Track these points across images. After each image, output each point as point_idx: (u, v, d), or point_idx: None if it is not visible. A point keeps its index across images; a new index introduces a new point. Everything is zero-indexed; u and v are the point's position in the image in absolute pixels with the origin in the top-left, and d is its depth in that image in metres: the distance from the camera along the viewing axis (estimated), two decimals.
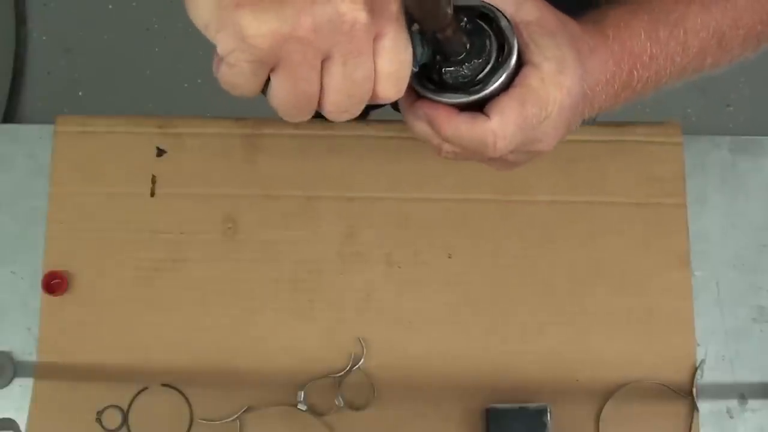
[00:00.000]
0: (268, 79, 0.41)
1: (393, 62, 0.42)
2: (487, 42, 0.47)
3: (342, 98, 0.42)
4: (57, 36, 1.80)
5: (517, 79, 0.47)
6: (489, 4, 0.47)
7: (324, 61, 0.40)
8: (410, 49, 0.43)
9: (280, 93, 0.41)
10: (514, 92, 0.46)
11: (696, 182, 0.80)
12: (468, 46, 0.46)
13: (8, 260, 0.79)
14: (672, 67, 0.53)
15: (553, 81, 0.47)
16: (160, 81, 1.72)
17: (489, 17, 0.47)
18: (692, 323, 0.77)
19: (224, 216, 0.80)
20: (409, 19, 0.43)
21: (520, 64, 0.47)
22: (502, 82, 0.46)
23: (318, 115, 0.44)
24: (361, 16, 0.39)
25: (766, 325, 0.78)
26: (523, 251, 0.79)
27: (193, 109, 0.74)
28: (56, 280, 0.77)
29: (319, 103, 0.42)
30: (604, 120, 0.78)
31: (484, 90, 0.46)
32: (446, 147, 0.50)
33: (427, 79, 0.48)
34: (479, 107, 0.47)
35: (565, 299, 0.78)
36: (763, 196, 0.81)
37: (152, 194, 0.80)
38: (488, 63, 0.47)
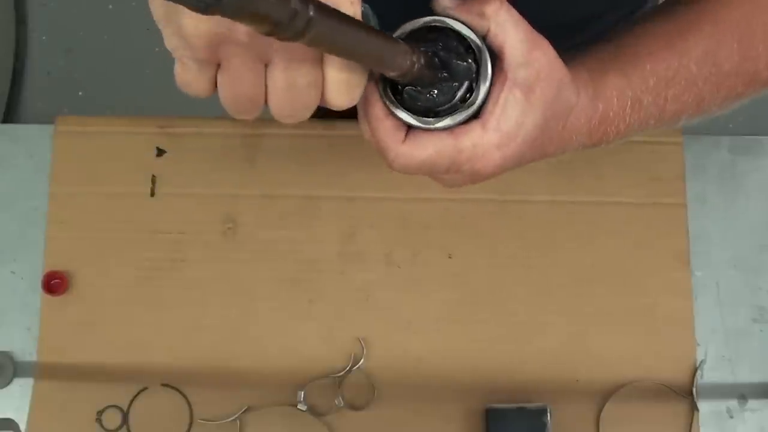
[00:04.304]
0: None
1: (342, 71, 0.40)
2: (464, 63, 0.44)
3: (284, 103, 0.41)
4: (57, 36, 1.80)
5: (459, 129, 0.45)
6: (456, 22, 0.44)
7: (267, 65, 0.40)
8: None
9: (221, 92, 0.41)
10: (446, 137, 0.44)
11: (696, 182, 0.80)
12: (440, 74, 0.44)
13: (8, 260, 0.79)
14: (644, 130, 0.53)
15: (487, 149, 0.45)
16: (160, 81, 1.71)
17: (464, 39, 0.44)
18: (692, 323, 0.77)
19: (224, 216, 0.80)
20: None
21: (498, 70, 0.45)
22: (464, 117, 0.44)
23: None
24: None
25: (766, 325, 0.78)
26: (523, 251, 0.79)
27: (193, 109, 0.74)
28: (56, 280, 0.77)
29: (267, 103, 0.42)
30: None
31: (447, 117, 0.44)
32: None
33: (394, 91, 0.45)
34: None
35: (565, 299, 0.78)
36: (763, 196, 0.81)
37: (152, 194, 0.80)
38: (461, 87, 0.44)
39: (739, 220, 0.80)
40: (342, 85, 0.41)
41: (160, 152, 0.81)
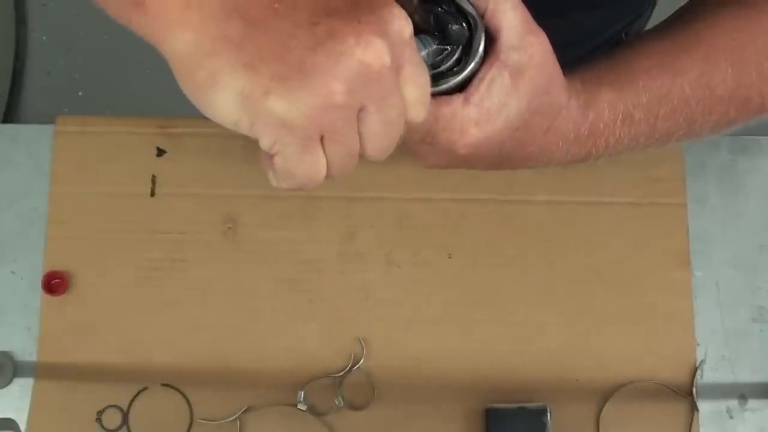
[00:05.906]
0: None
1: (418, 86, 0.41)
2: (458, 28, 0.45)
3: (383, 142, 0.41)
4: (57, 36, 1.80)
5: (440, 98, 0.45)
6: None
7: (359, 113, 0.39)
8: (425, 65, 0.42)
9: (332, 161, 0.40)
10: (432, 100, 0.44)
11: (696, 182, 0.80)
12: (433, 34, 0.45)
13: (8, 260, 0.79)
14: (634, 148, 0.53)
15: (465, 122, 0.45)
16: (160, 81, 1.71)
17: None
18: (692, 323, 0.77)
19: (224, 216, 0.80)
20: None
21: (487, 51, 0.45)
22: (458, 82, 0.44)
23: None
24: (386, 60, 0.38)
25: (766, 325, 0.78)
26: (523, 251, 0.79)
27: (193, 109, 0.74)
28: (56, 280, 0.77)
29: (363, 151, 0.41)
30: None
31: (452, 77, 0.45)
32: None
33: None
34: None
35: (564, 299, 0.78)
36: (763, 196, 0.81)
37: (152, 194, 0.80)
38: (455, 53, 0.45)
39: (739, 220, 0.80)
40: (420, 101, 0.41)
41: (160, 152, 0.81)
